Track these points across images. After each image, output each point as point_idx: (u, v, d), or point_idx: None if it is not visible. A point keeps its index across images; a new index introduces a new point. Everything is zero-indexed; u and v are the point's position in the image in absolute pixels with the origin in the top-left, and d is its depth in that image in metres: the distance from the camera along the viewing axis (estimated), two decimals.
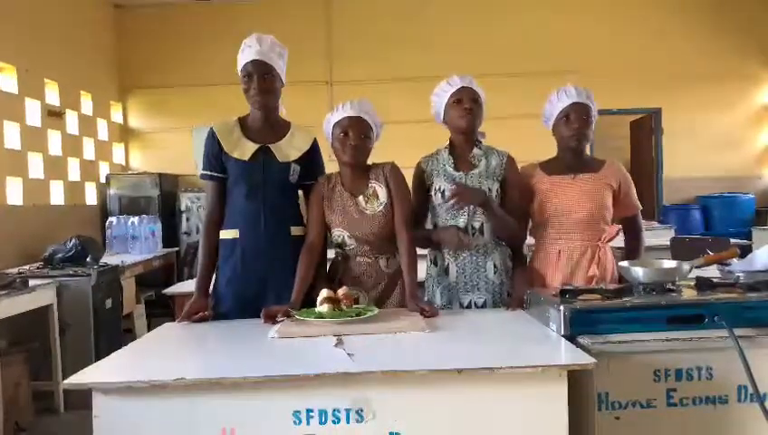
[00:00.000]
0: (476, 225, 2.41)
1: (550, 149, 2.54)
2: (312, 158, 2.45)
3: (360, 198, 2.37)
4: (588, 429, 1.73)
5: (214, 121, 2.44)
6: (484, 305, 2.40)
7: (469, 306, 2.41)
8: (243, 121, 2.43)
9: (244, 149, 2.36)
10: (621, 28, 7.64)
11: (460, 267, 2.42)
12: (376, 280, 2.37)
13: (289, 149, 2.40)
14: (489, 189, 2.40)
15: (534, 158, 2.57)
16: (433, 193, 2.47)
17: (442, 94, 2.48)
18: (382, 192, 2.36)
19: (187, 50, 7.50)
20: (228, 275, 2.37)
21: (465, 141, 2.48)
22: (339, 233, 2.38)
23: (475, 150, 2.47)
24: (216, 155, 2.38)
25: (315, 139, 2.46)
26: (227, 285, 2.36)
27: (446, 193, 2.39)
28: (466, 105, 2.41)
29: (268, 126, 2.41)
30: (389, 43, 7.56)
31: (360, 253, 2.37)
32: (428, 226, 2.52)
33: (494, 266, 2.41)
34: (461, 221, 2.41)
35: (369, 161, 2.44)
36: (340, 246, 2.40)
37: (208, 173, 2.40)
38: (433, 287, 2.48)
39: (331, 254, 2.50)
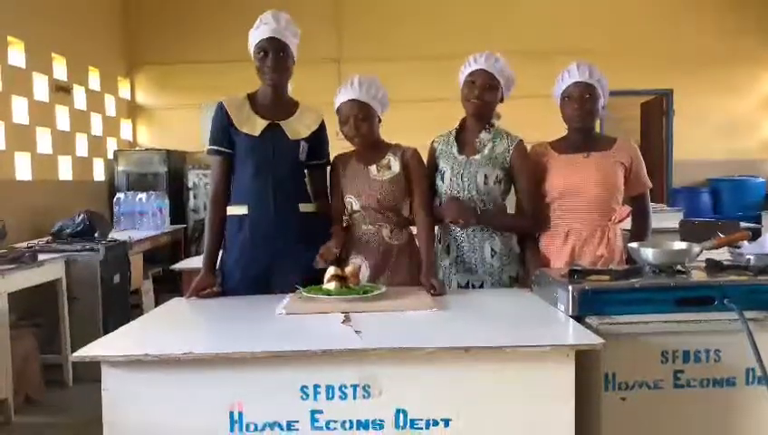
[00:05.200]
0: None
1: (563, 129, 2.51)
2: (319, 137, 2.45)
3: (373, 166, 2.40)
4: (594, 409, 1.73)
5: (223, 97, 2.42)
6: (481, 287, 2.41)
7: (466, 286, 2.42)
8: (252, 98, 2.42)
9: (255, 125, 2.35)
10: (635, 8, 7.54)
11: (459, 248, 2.43)
12: (379, 249, 2.38)
13: (299, 127, 2.40)
14: (486, 176, 2.38)
15: (547, 138, 2.55)
16: (437, 173, 2.48)
17: (464, 69, 2.45)
18: (396, 165, 2.39)
19: (196, 26, 7.44)
20: (236, 252, 2.36)
21: (474, 123, 2.46)
22: (349, 199, 2.42)
23: (482, 135, 2.44)
24: (224, 129, 2.36)
25: (323, 118, 2.46)
26: (235, 262, 2.36)
27: (446, 177, 2.43)
28: (476, 91, 2.38)
29: (278, 103, 2.40)
30: (400, 21, 7.48)
31: (365, 220, 2.40)
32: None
33: (492, 250, 2.40)
34: None
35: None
36: (350, 215, 2.43)
37: (216, 148, 2.38)
38: (437, 265, 2.49)
39: None
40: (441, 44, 7.12)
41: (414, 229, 2.46)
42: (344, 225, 2.46)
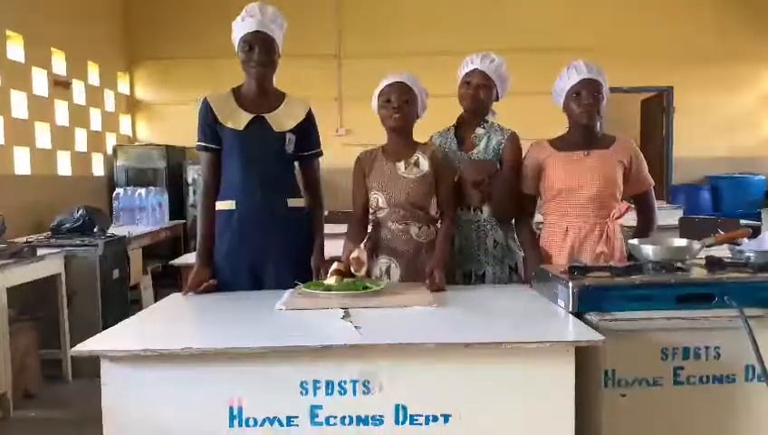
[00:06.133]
0: (476, 202, 2.48)
1: (561, 127, 2.51)
2: (307, 127, 2.42)
3: (401, 163, 2.39)
4: (594, 405, 1.73)
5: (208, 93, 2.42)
6: (483, 276, 2.47)
7: (469, 275, 2.48)
8: (237, 92, 2.40)
9: (239, 119, 2.33)
10: (634, 5, 7.52)
11: (464, 238, 2.49)
12: (407, 248, 2.37)
13: (284, 119, 2.37)
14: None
15: (545, 135, 2.55)
16: None
17: (461, 68, 2.55)
18: (425, 163, 2.39)
19: (196, 21, 7.42)
20: (225, 247, 2.36)
21: (470, 120, 2.56)
22: (375, 196, 2.40)
23: (479, 130, 2.54)
24: (210, 125, 2.35)
25: (310, 108, 2.44)
26: (225, 257, 2.36)
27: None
28: (470, 90, 2.49)
29: (263, 96, 2.38)
30: (400, 17, 7.47)
31: (393, 219, 2.38)
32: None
33: (495, 241, 2.49)
34: None
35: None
36: (375, 212, 2.42)
37: (203, 144, 2.38)
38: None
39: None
40: (442, 40, 7.10)
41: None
42: (368, 223, 2.46)
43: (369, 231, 2.49)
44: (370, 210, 2.44)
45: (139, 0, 7.58)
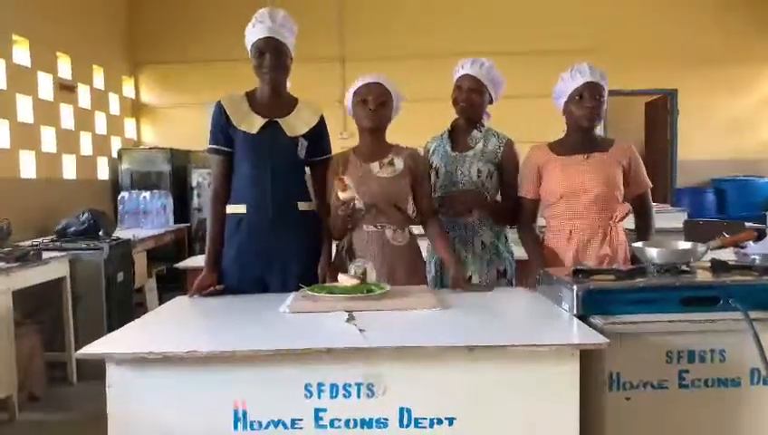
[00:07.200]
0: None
1: (562, 130, 2.51)
2: (319, 133, 2.43)
3: (375, 163, 2.38)
4: (598, 409, 1.73)
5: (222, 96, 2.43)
6: (470, 279, 2.47)
7: None
8: (250, 96, 2.41)
9: (253, 123, 2.34)
10: (638, 7, 7.52)
11: (451, 241, 2.50)
12: (382, 251, 2.34)
13: (297, 124, 2.38)
14: (480, 170, 2.51)
15: (546, 138, 2.55)
16: (431, 170, 2.56)
17: (454, 74, 2.60)
18: (399, 164, 2.38)
19: (200, 25, 7.45)
20: (234, 250, 2.36)
21: (464, 123, 2.59)
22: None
23: (474, 133, 2.57)
24: (223, 128, 2.36)
25: (323, 114, 2.45)
26: (233, 260, 2.36)
27: (440, 173, 2.55)
28: (462, 95, 2.53)
29: (276, 101, 2.39)
30: (404, 20, 7.48)
31: (368, 220, 2.35)
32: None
33: (482, 244, 2.52)
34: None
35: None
36: (351, 214, 2.36)
37: (215, 147, 2.38)
38: (428, 258, 2.61)
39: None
40: (445, 43, 7.12)
41: (414, 229, 2.46)
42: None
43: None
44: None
45: (144, 4, 7.61)
